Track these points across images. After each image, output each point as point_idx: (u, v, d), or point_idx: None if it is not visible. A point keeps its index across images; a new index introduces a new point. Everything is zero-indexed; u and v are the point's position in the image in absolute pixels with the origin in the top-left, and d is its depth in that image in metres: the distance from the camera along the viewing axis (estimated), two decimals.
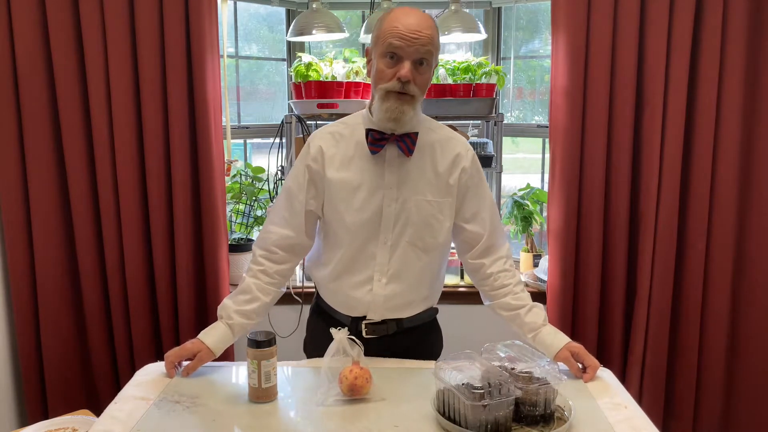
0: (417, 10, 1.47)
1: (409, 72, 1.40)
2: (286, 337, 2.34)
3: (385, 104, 1.44)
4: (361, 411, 1.36)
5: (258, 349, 1.38)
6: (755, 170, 2.30)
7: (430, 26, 1.43)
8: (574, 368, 1.51)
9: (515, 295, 1.60)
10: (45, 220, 2.29)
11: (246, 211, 2.69)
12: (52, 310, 2.34)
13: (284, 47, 2.95)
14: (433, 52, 1.45)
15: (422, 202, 1.53)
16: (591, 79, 2.30)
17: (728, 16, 2.20)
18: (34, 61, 2.20)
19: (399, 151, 1.51)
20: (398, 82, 1.41)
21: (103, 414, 1.38)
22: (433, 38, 1.43)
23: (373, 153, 1.51)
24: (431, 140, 1.56)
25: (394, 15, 1.43)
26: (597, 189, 2.35)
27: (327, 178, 1.54)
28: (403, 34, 1.40)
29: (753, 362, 2.39)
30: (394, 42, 1.40)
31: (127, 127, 2.28)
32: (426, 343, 1.68)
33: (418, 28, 1.40)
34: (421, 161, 1.54)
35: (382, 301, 1.57)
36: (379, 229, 1.54)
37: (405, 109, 1.44)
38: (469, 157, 1.58)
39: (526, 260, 2.76)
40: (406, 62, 1.41)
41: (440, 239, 1.58)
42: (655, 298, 2.35)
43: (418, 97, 1.46)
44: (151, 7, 2.22)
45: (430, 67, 1.46)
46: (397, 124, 1.46)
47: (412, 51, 1.40)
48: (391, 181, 1.52)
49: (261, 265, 1.61)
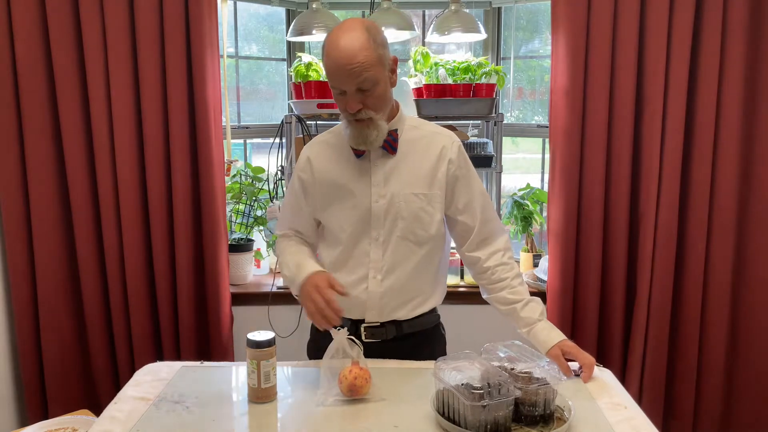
0: (346, 31, 1.42)
1: (354, 103, 1.44)
2: (286, 337, 2.35)
3: (351, 132, 1.50)
4: (361, 411, 1.36)
5: (257, 350, 1.38)
6: (755, 170, 2.30)
7: (362, 47, 1.40)
8: (562, 367, 1.50)
9: (512, 289, 1.60)
10: (45, 220, 2.29)
11: (246, 211, 2.69)
12: (52, 310, 2.34)
13: (284, 47, 2.95)
14: (375, 69, 1.42)
15: (410, 196, 1.55)
16: (591, 79, 2.30)
17: (728, 16, 2.20)
18: (34, 61, 2.21)
19: (383, 151, 1.56)
20: (350, 113, 1.47)
21: (103, 414, 1.38)
22: (369, 58, 1.40)
23: (358, 156, 1.56)
24: (416, 137, 1.60)
25: (326, 49, 1.45)
26: (597, 189, 2.35)
27: (316, 182, 1.61)
28: (337, 72, 1.42)
29: (753, 362, 2.39)
30: (332, 81, 1.45)
31: (127, 127, 2.28)
32: (427, 350, 1.66)
33: (347, 60, 1.39)
34: (407, 157, 1.57)
35: (378, 298, 1.57)
36: (369, 226, 1.56)
37: (367, 132, 1.49)
38: (455, 149, 1.59)
39: (526, 260, 2.76)
40: (350, 95, 1.44)
41: (432, 231, 1.58)
42: (655, 298, 2.35)
43: (376, 116, 1.47)
44: (151, 7, 2.22)
45: (378, 83, 1.44)
46: (367, 145, 1.51)
47: (351, 83, 1.42)
48: (378, 178, 1.56)
49: (289, 237, 1.69)
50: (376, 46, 1.43)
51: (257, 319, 2.47)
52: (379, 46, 1.44)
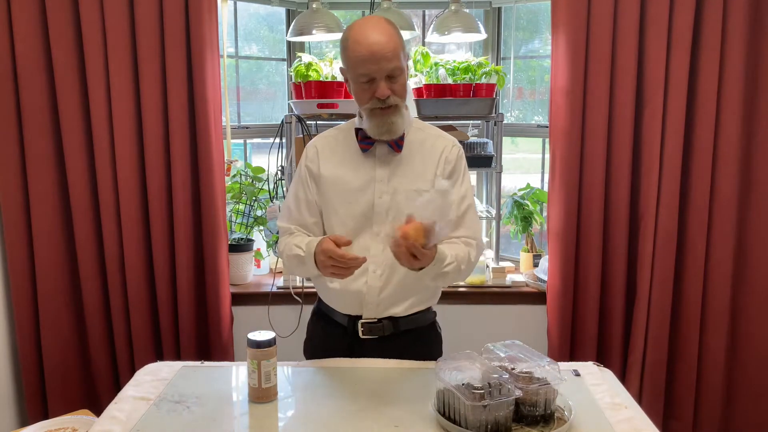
0: (373, 23, 1.50)
1: (384, 89, 1.48)
2: (286, 337, 2.34)
3: (374, 121, 1.53)
4: (361, 411, 1.36)
5: (258, 349, 1.38)
6: (755, 170, 2.30)
7: (390, 36, 1.48)
8: None
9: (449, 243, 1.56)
10: (45, 220, 2.29)
11: (246, 211, 2.69)
12: (52, 310, 2.34)
13: (284, 47, 2.95)
14: (401, 59, 1.50)
15: (412, 193, 1.57)
16: (591, 79, 2.30)
17: (728, 16, 2.21)
18: (34, 61, 2.21)
19: (389, 148, 1.59)
20: (378, 101, 1.49)
21: (103, 414, 1.38)
22: (397, 47, 1.48)
23: (364, 151, 1.59)
24: (420, 138, 1.64)
25: (354, 39, 1.49)
26: (597, 189, 2.35)
27: (322, 175, 1.62)
28: (368, 59, 1.46)
29: (753, 362, 2.39)
30: (363, 69, 1.47)
31: (127, 127, 2.28)
32: (423, 347, 1.67)
33: (380, 46, 1.45)
34: (411, 156, 1.61)
35: (377, 293, 1.58)
36: (371, 221, 1.58)
37: (393, 119, 1.52)
38: (455, 152, 1.63)
39: (526, 260, 2.76)
40: (380, 82, 1.48)
41: None
42: (655, 298, 2.35)
43: (402, 103, 1.53)
44: (151, 8, 2.22)
45: (403, 71, 1.52)
46: (391, 134, 1.54)
47: (382, 70, 1.47)
48: (382, 174, 1.59)
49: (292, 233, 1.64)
50: (400, 38, 1.52)
51: (257, 319, 2.47)
52: (401, 38, 1.53)
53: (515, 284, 2.61)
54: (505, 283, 2.59)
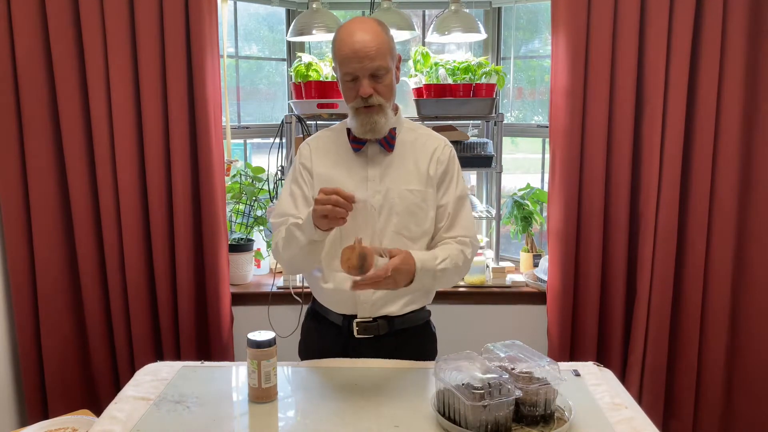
0: (360, 22, 1.54)
1: (367, 88, 1.50)
2: (286, 337, 2.34)
3: (358, 119, 1.55)
4: (361, 411, 1.36)
5: (258, 350, 1.38)
6: (755, 170, 2.30)
7: (376, 35, 1.50)
8: None
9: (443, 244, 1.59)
10: (45, 220, 2.29)
11: (246, 211, 2.69)
12: (52, 310, 2.34)
13: (284, 47, 2.95)
14: (387, 59, 1.51)
15: (405, 192, 1.59)
16: (591, 79, 2.30)
17: (728, 16, 2.20)
18: (34, 61, 2.21)
19: (380, 148, 1.60)
20: (362, 99, 1.52)
21: (103, 414, 1.38)
22: (382, 47, 1.50)
23: (356, 150, 1.61)
24: (412, 138, 1.65)
25: (340, 38, 1.53)
26: (597, 189, 2.35)
27: (315, 174, 1.63)
28: (351, 57, 1.49)
29: (753, 362, 2.39)
30: (346, 68, 1.51)
31: (127, 127, 2.28)
32: (418, 346, 1.68)
33: (362, 45, 1.48)
34: (403, 155, 1.62)
35: (372, 292, 1.58)
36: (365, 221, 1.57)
37: (376, 119, 1.54)
38: (446, 152, 1.65)
39: (526, 260, 2.76)
40: (363, 80, 1.50)
41: (426, 227, 1.61)
42: (655, 298, 2.35)
43: (385, 103, 1.55)
44: (151, 7, 2.22)
45: (389, 72, 1.54)
46: (374, 133, 1.56)
47: (365, 69, 1.49)
48: (374, 174, 1.60)
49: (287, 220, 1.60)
50: (387, 38, 1.54)
51: (257, 319, 2.46)
52: (390, 39, 1.55)
53: (515, 284, 2.61)
54: (505, 283, 2.59)
